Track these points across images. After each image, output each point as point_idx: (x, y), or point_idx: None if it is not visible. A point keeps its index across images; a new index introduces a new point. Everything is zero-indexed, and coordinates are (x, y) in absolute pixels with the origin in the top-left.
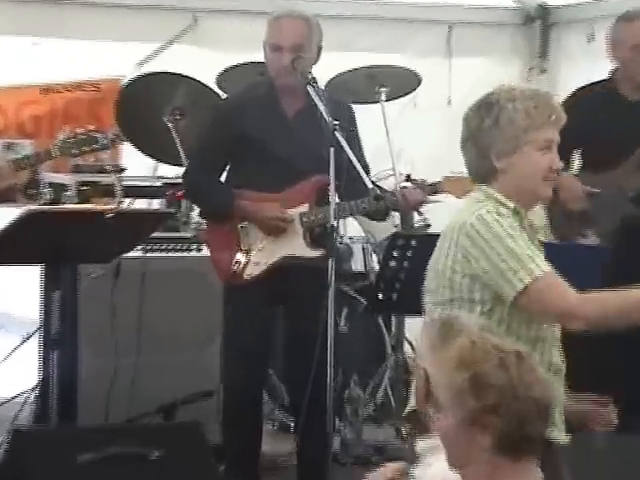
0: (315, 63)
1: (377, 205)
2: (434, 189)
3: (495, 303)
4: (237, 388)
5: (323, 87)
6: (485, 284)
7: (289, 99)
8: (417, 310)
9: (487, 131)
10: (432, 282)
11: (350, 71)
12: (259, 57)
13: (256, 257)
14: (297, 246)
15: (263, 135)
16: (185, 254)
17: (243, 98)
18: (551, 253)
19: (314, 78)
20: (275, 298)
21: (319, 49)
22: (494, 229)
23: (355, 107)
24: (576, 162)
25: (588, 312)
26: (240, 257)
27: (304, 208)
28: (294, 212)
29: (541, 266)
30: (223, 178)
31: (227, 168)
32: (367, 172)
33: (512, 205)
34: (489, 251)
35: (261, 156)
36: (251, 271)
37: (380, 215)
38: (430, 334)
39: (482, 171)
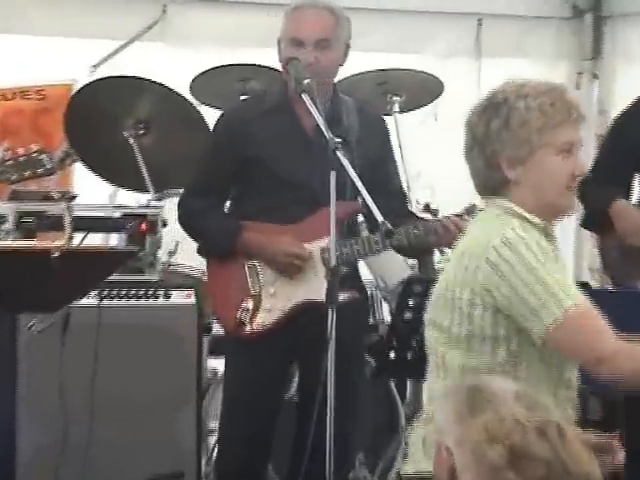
0: (342, 63)
1: (389, 242)
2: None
3: (522, 341)
4: (232, 474)
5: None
6: (511, 319)
7: (307, 111)
8: None
9: (495, 135)
10: (441, 314)
11: (356, 75)
12: (242, 56)
13: (268, 303)
14: (318, 288)
15: (277, 154)
16: (151, 302)
17: (252, 108)
18: (604, 301)
19: (310, 84)
20: (290, 353)
21: (347, 47)
22: (522, 254)
23: None
24: (638, 188)
25: (623, 365)
26: (248, 303)
27: (325, 242)
28: (314, 247)
29: (575, 297)
30: (226, 207)
31: (232, 195)
32: (405, 203)
33: (540, 222)
34: (516, 281)
35: (274, 180)
36: (262, 320)
37: (418, 250)
38: (454, 404)
39: (492, 183)
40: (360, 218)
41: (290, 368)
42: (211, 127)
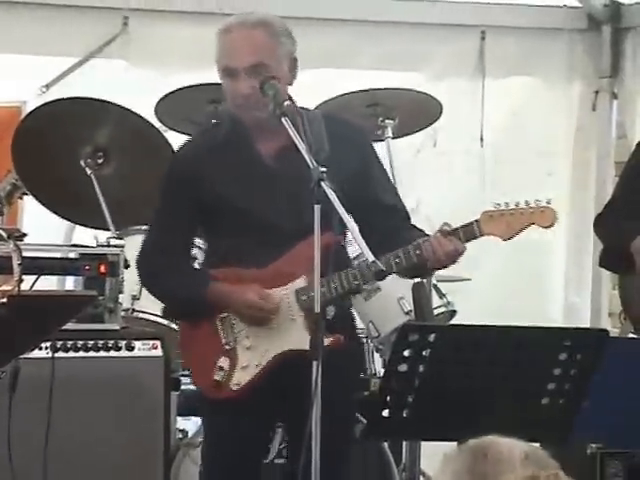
0: (291, 82)
1: (372, 278)
2: (470, 232)
3: None
4: None
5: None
6: None
7: (264, 136)
8: (438, 433)
9: None
10: None
11: (342, 96)
12: (214, 75)
13: (244, 358)
14: (297, 337)
15: (234, 190)
16: (111, 354)
17: (200, 145)
18: (625, 351)
19: (290, 106)
20: (271, 411)
21: (293, 61)
22: None
23: None
24: None
25: None
26: (223, 361)
27: (301, 282)
28: (288, 290)
29: None
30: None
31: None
32: (402, 218)
33: None
34: None
35: (236, 220)
36: (239, 379)
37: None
38: (456, 470)
39: None
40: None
41: (272, 429)
42: None
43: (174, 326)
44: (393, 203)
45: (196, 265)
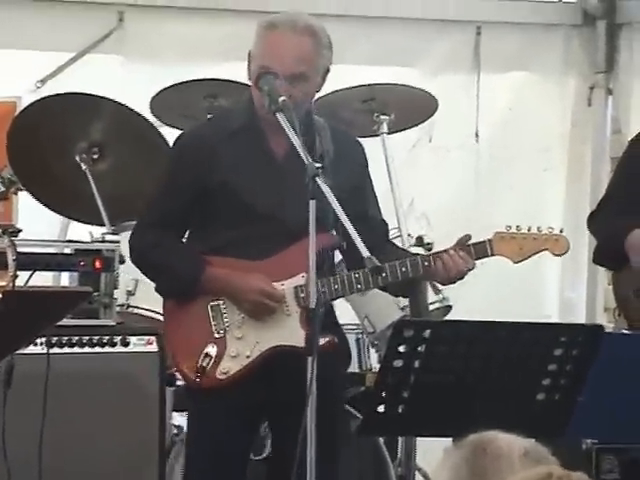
0: (319, 89)
1: (375, 281)
2: (482, 251)
3: None
4: None
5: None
6: None
7: (278, 132)
8: (434, 428)
9: None
10: None
11: (338, 91)
12: (209, 71)
13: (233, 348)
14: (291, 333)
15: (243, 182)
16: (106, 350)
17: (213, 130)
18: (619, 346)
19: (286, 102)
20: (258, 406)
21: (326, 72)
22: None
23: None
24: None
25: None
26: (211, 349)
27: (301, 280)
28: (287, 286)
29: None
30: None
31: (191, 227)
32: (386, 231)
33: None
34: None
35: (240, 211)
36: (227, 368)
37: (411, 289)
38: (455, 464)
39: None
40: (338, 255)
41: (259, 424)
42: None
43: None
44: (379, 218)
45: None
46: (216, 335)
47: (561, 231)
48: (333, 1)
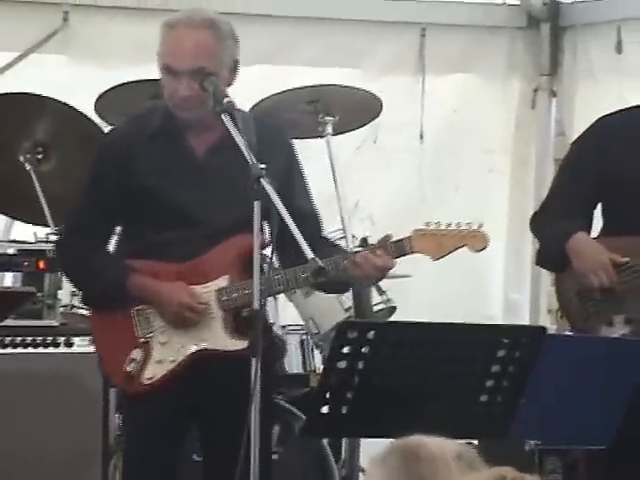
0: (230, 83)
1: (318, 280)
2: (400, 249)
3: None
4: None
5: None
6: None
7: (198, 130)
8: (378, 429)
9: None
10: None
11: (282, 93)
12: (153, 70)
13: (158, 353)
14: (215, 336)
15: (163, 184)
16: (50, 350)
17: (132, 131)
18: (561, 349)
19: (231, 103)
20: (186, 411)
21: (234, 64)
22: None
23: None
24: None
25: None
26: (136, 354)
27: (223, 282)
28: (209, 288)
29: None
30: (112, 245)
31: (118, 232)
32: (319, 227)
33: None
34: None
35: (161, 213)
36: (152, 373)
37: (340, 286)
38: (391, 472)
39: None
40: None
41: (187, 427)
42: None
43: None
44: (311, 211)
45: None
46: (141, 340)
47: (480, 226)
48: (277, 2)
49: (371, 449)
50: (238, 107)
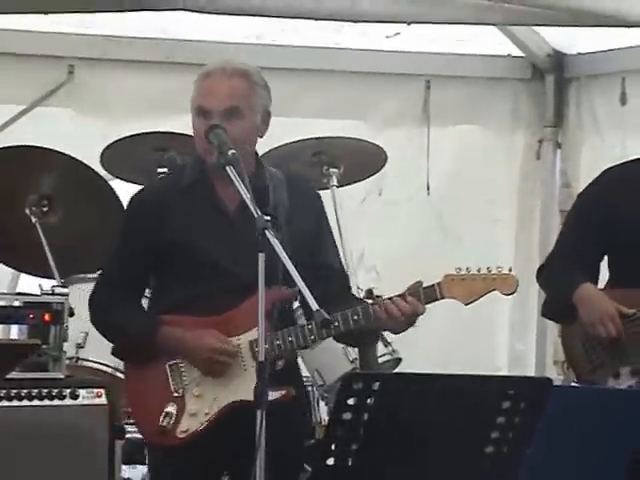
0: (262, 134)
1: (325, 333)
2: (431, 295)
3: None
4: None
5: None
6: None
7: (228, 184)
8: None
9: None
10: None
11: (288, 145)
12: (160, 124)
13: (193, 406)
14: (248, 387)
15: (195, 238)
16: (55, 402)
17: (164, 187)
18: (567, 399)
19: (235, 155)
20: (219, 462)
21: (266, 114)
22: None
23: None
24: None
25: None
26: (171, 408)
27: (256, 334)
28: (242, 340)
29: None
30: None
31: (150, 286)
32: (346, 283)
33: None
34: None
35: (194, 267)
36: (187, 426)
37: (368, 335)
38: None
39: None
40: (296, 305)
41: (220, 478)
42: (124, 204)
43: (119, 374)
44: (339, 267)
45: None
46: (175, 394)
47: (510, 270)
48: (283, 54)
49: None
50: (268, 166)
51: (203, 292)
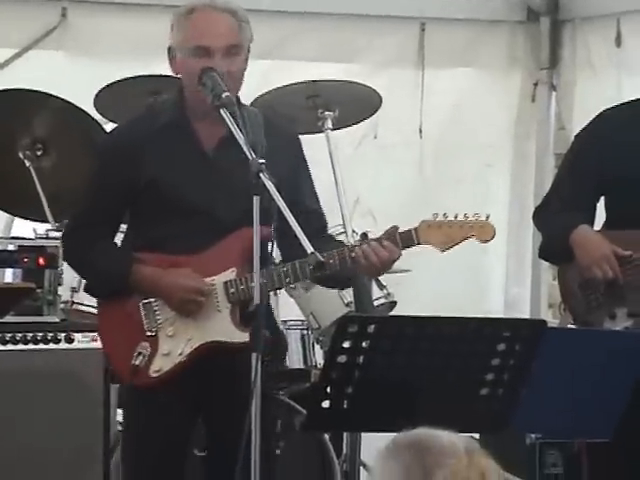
0: (244, 70)
1: (318, 275)
2: (408, 240)
3: None
4: None
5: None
6: None
7: (207, 125)
8: (379, 424)
9: None
10: None
11: (281, 88)
12: (154, 67)
13: (166, 346)
14: (222, 328)
15: (172, 177)
16: (50, 346)
17: (140, 127)
18: (563, 342)
19: (229, 97)
20: (193, 403)
21: (248, 53)
22: None
23: None
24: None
25: None
26: (144, 347)
27: (230, 274)
28: (216, 280)
29: None
30: (118, 239)
31: (125, 225)
32: (323, 224)
33: None
34: None
35: (169, 206)
36: (159, 366)
37: (344, 279)
38: (405, 464)
39: None
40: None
41: (195, 420)
42: None
43: None
44: (316, 208)
45: None
46: (148, 333)
47: (487, 217)
48: None
49: (372, 443)
50: (245, 104)
51: (179, 231)
